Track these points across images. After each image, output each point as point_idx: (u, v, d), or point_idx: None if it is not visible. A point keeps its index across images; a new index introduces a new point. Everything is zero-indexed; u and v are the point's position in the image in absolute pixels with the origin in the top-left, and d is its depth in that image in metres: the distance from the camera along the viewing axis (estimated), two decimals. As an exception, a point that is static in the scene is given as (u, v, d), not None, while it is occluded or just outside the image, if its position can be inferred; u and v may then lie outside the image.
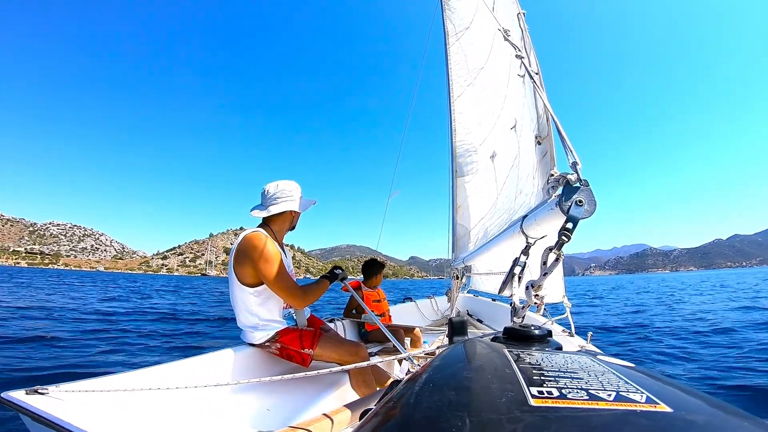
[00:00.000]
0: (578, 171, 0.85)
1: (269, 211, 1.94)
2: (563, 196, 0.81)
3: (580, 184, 0.83)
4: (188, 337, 6.19)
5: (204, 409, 1.55)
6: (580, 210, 0.79)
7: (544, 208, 0.93)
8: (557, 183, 0.91)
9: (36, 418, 0.97)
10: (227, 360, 1.82)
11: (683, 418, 0.32)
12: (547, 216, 0.91)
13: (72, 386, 1.20)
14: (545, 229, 0.98)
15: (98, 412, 1.17)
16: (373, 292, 3.36)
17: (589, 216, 0.80)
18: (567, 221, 0.80)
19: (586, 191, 0.81)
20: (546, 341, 0.63)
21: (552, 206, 0.86)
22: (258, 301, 1.87)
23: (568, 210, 0.79)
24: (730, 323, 6.59)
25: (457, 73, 3.51)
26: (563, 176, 0.87)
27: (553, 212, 0.87)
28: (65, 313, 8.12)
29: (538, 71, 1.32)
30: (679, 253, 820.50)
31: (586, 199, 0.80)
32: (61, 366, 3.78)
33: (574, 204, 0.79)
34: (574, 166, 0.87)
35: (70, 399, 1.14)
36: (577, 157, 0.88)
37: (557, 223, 0.86)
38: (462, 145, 3.43)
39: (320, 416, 1.36)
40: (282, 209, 1.95)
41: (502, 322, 2.81)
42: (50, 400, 1.09)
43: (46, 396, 1.10)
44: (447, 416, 0.34)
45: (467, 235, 3.17)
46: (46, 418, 0.97)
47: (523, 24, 1.64)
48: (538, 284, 0.85)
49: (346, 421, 1.35)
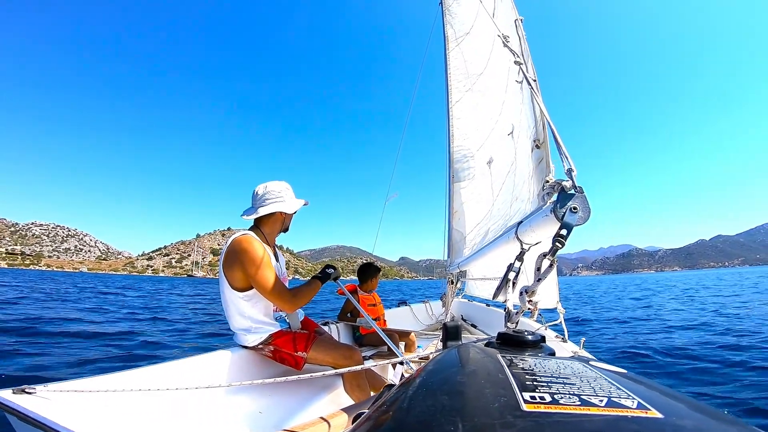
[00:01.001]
0: (573, 178, 0.86)
1: (258, 212, 1.92)
2: (558, 202, 0.81)
3: (575, 191, 0.83)
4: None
5: (195, 412, 1.53)
6: (574, 217, 0.79)
7: (539, 215, 0.93)
8: (552, 189, 0.91)
9: (23, 418, 0.95)
10: (219, 362, 1.80)
11: (674, 424, 0.32)
12: (541, 222, 0.91)
13: (60, 386, 1.18)
14: (540, 235, 0.98)
15: (86, 412, 1.15)
16: (369, 296, 3.35)
17: (583, 223, 0.80)
18: (561, 228, 0.80)
19: (580, 198, 0.81)
20: (539, 347, 0.64)
21: (547, 213, 0.86)
22: (249, 305, 1.85)
23: (562, 217, 0.79)
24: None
25: (457, 78, 3.53)
26: (558, 183, 0.87)
27: (547, 219, 0.87)
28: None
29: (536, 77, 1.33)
30: (664, 253, 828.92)
31: (580, 206, 0.80)
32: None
33: (568, 211, 0.79)
34: (569, 173, 0.87)
35: (57, 399, 1.12)
36: (573, 164, 0.89)
37: (552, 230, 0.86)
38: (459, 151, 3.44)
39: (314, 420, 1.35)
40: (271, 210, 1.94)
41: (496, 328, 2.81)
42: (37, 399, 1.07)
43: (34, 395, 1.08)
44: (440, 421, 0.34)
45: (463, 240, 3.18)
46: (33, 417, 0.95)
47: (521, 30, 1.66)
48: (532, 290, 0.84)
49: (340, 425, 1.34)
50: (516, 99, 2.04)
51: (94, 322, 7.21)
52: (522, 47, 1.48)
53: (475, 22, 3.28)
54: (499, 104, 2.74)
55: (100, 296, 14.99)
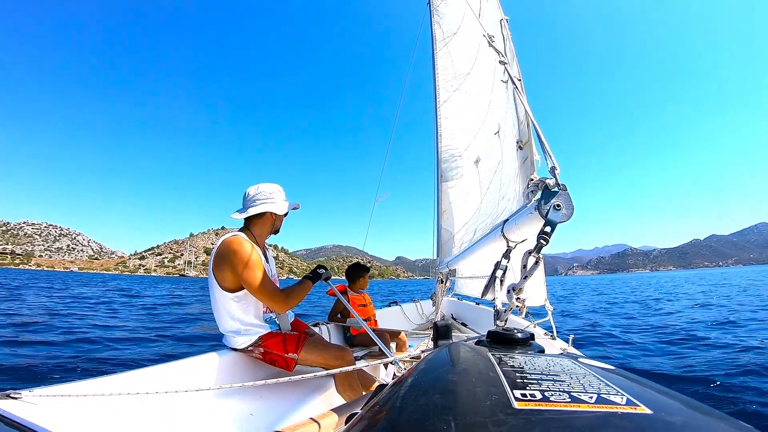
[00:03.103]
0: (557, 175, 0.87)
1: (247, 212, 1.93)
2: (542, 200, 0.83)
3: (558, 188, 0.84)
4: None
5: (185, 415, 1.51)
6: (558, 214, 0.80)
7: (524, 213, 0.94)
8: (536, 187, 0.93)
9: (9, 423, 0.93)
10: (209, 364, 1.78)
11: (663, 420, 0.33)
12: (526, 220, 0.92)
13: (47, 391, 1.15)
14: (525, 233, 0.99)
15: (74, 417, 1.13)
16: (359, 296, 3.33)
17: (566, 220, 0.81)
18: (545, 225, 0.81)
19: (563, 195, 0.82)
20: (529, 344, 0.64)
21: (531, 210, 0.88)
22: (239, 306, 1.84)
23: (546, 214, 0.80)
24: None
25: (444, 79, 3.55)
26: (542, 181, 0.88)
27: (532, 216, 0.88)
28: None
29: (520, 77, 1.35)
30: (658, 253, 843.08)
31: (563, 204, 0.81)
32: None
33: (552, 208, 0.81)
34: (552, 171, 0.88)
35: (44, 404, 1.10)
36: (556, 162, 0.90)
37: (536, 227, 0.87)
38: (447, 150, 3.46)
39: (305, 421, 1.34)
40: (261, 210, 1.94)
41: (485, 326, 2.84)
42: (23, 404, 1.05)
43: (19, 401, 1.05)
44: (432, 419, 0.35)
45: (452, 239, 3.20)
46: (18, 423, 0.93)
47: (506, 30, 1.68)
48: (519, 287, 0.85)
49: (331, 426, 1.33)
50: (502, 99, 2.06)
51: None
52: (506, 47, 1.49)
53: (462, 23, 3.30)
54: (486, 104, 2.77)
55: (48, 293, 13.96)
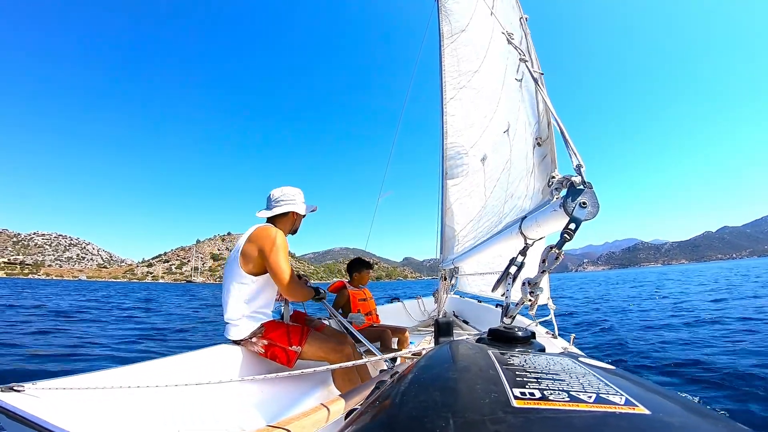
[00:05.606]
0: (582, 173, 0.86)
1: (273, 211, 2.12)
2: (568, 197, 0.82)
3: (584, 186, 0.83)
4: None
5: (185, 408, 1.51)
6: (583, 212, 0.80)
7: (546, 210, 0.93)
8: (560, 185, 0.92)
9: (11, 416, 0.92)
10: (210, 358, 1.78)
11: (661, 420, 0.33)
12: (549, 217, 0.92)
13: (50, 383, 1.15)
14: (546, 230, 0.98)
15: (76, 410, 1.12)
16: (359, 291, 3.34)
17: (592, 218, 0.81)
18: (569, 222, 0.80)
19: (589, 194, 0.81)
20: (529, 343, 0.65)
21: (555, 207, 0.87)
22: (253, 289, 1.92)
23: (572, 212, 0.80)
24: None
25: (451, 76, 3.53)
26: (567, 178, 0.88)
27: (555, 213, 0.87)
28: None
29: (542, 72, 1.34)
30: (670, 246, 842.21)
31: (589, 202, 0.80)
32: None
33: (577, 206, 0.80)
34: (578, 169, 0.87)
35: (47, 396, 1.09)
36: (581, 160, 0.89)
37: (559, 225, 0.86)
38: (453, 148, 3.45)
39: (302, 413, 1.34)
40: (286, 210, 2.14)
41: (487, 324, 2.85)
42: (26, 397, 1.04)
43: (23, 393, 1.05)
44: (431, 416, 0.35)
45: (455, 237, 3.19)
46: (21, 416, 0.91)
47: (526, 28, 1.67)
48: (535, 281, 0.85)
49: (329, 419, 1.33)
50: (514, 97, 2.05)
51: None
52: (528, 44, 1.48)
53: (472, 20, 3.28)
54: (495, 102, 2.75)
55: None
